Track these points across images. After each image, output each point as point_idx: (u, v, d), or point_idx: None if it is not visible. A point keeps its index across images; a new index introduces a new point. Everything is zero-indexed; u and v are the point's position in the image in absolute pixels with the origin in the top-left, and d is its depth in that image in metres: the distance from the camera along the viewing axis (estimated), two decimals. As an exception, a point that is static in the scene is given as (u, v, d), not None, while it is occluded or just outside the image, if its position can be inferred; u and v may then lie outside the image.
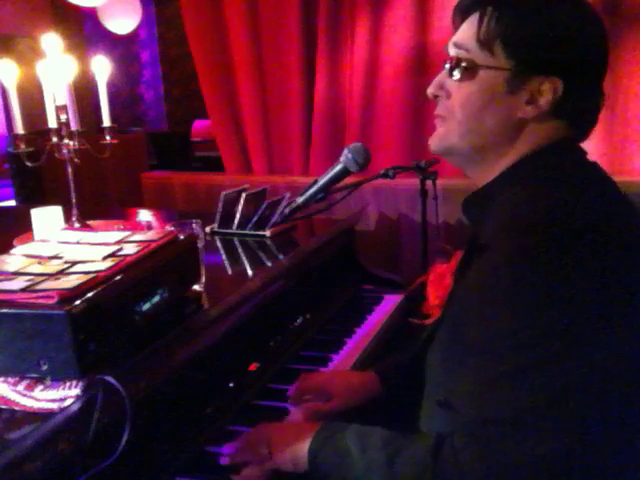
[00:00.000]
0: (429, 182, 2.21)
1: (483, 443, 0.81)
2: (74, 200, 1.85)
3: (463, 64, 0.94)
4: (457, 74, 0.95)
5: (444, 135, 1.00)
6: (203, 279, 1.38)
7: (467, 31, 0.95)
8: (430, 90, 1.00)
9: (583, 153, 0.98)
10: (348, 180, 1.76)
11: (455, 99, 0.97)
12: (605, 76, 0.96)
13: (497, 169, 0.97)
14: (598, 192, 0.91)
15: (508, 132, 0.95)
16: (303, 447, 0.99)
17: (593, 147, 2.29)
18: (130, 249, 1.15)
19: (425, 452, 0.86)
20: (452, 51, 0.97)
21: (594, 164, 0.97)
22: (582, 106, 0.94)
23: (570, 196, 0.87)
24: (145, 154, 4.29)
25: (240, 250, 1.84)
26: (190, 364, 1.20)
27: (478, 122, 0.95)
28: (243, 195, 1.89)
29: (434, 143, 1.02)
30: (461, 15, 0.98)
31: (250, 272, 1.67)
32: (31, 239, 1.52)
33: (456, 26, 0.99)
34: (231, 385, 1.35)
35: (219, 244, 1.88)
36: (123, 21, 4.23)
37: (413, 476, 0.87)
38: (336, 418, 1.16)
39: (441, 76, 0.99)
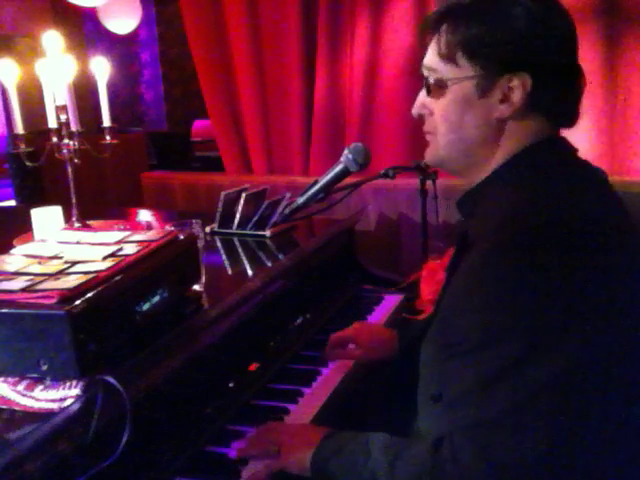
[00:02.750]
0: (429, 182, 2.21)
1: (482, 443, 0.82)
2: (74, 200, 1.85)
3: (433, 83, 0.99)
4: (431, 93, 1.01)
5: (434, 149, 1.05)
6: (203, 279, 1.38)
7: (431, 52, 1.00)
8: (414, 111, 1.05)
9: (572, 150, 1.01)
10: (348, 180, 1.76)
11: (436, 115, 1.01)
12: (574, 59, 0.98)
13: (488, 169, 1.01)
14: (583, 190, 0.94)
15: (490, 134, 0.98)
16: (310, 451, 1.04)
17: (593, 147, 2.29)
18: (130, 249, 1.15)
19: (425, 452, 0.88)
20: (424, 72, 1.02)
21: (583, 162, 1.00)
22: (557, 96, 0.96)
23: (554, 194, 0.91)
24: (145, 154, 4.28)
25: (240, 250, 1.84)
26: (190, 364, 1.20)
27: (460, 131, 0.99)
28: (243, 195, 1.89)
29: (428, 158, 1.08)
30: (422, 40, 1.03)
31: (250, 272, 1.67)
32: (31, 239, 1.52)
33: (424, 48, 1.04)
34: (231, 385, 1.35)
35: (219, 244, 1.88)
36: (123, 21, 4.22)
37: (414, 476, 0.89)
38: (361, 368, 1.39)
39: (421, 95, 1.03)
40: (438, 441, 0.87)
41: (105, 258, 1.10)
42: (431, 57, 1.00)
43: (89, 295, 0.96)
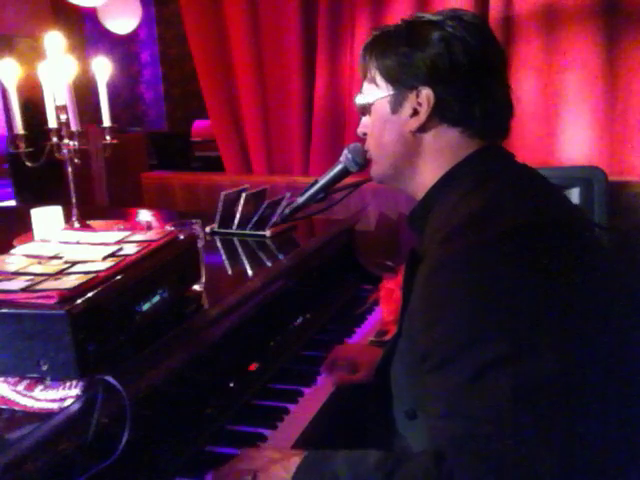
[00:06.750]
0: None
1: (480, 454, 0.78)
2: (74, 200, 1.85)
3: (360, 103, 1.11)
4: (362, 113, 1.11)
5: (373, 168, 1.14)
6: (203, 279, 1.38)
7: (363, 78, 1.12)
8: (359, 130, 1.14)
9: (508, 156, 1.05)
10: (348, 180, 1.76)
11: (369, 134, 1.11)
12: (491, 76, 1.02)
13: (425, 184, 1.06)
14: (521, 192, 0.97)
15: (409, 147, 1.05)
16: (289, 476, 0.95)
17: (593, 147, 2.29)
18: (130, 249, 1.15)
19: (428, 464, 0.82)
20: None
21: (522, 165, 1.04)
22: (466, 111, 1.00)
23: (493, 198, 0.93)
24: (145, 154, 4.29)
25: (240, 250, 1.84)
26: (190, 364, 1.20)
27: (384, 147, 1.08)
28: (243, 195, 1.89)
29: (372, 176, 1.15)
30: (362, 70, 1.13)
31: (250, 272, 1.67)
32: (31, 239, 1.52)
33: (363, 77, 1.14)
34: (231, 385, 1.35)
35: (219, 244, 1.88)
36: (123, 21, 4.22)
37: None
38: (363, 388, 1.36)
39: (364, 118, 1.12)
40: (438, 458, 0.81)
41: (105, 258, 1.10)
42: (364, 82, 1.11)
43: (89, 295, 0.96)
